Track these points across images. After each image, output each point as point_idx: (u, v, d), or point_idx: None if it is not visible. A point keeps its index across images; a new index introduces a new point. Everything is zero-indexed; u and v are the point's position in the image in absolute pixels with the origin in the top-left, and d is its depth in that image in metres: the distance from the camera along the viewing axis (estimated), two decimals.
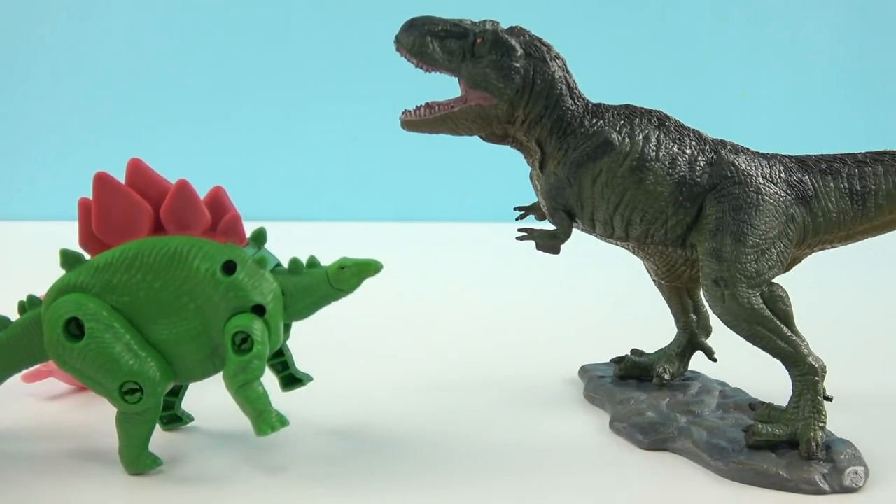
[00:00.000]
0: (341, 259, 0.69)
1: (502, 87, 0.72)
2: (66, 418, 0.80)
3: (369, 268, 0.68)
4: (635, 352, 0.87)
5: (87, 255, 0.70)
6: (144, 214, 0.70)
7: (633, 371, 0.85)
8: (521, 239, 0.77)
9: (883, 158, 0.73)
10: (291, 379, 0.75)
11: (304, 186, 2.07)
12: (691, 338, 0.83)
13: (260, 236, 0.71)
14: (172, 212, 0.69)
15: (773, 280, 0.72)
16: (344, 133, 2.07)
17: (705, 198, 0.72)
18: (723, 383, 0.83)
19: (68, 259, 0.68)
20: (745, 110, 2.08)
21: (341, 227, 1.92)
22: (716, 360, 0.85)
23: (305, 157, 2.07)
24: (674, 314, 0.84)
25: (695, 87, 2.06)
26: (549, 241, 0.76)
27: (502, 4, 1.20)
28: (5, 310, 0.74)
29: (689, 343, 0.84)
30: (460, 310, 1.24)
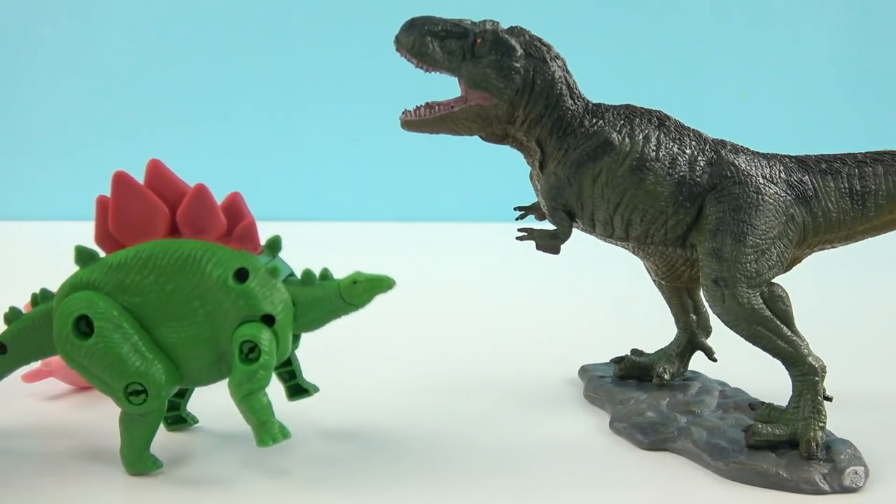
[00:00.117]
0: (354, 273, 0.68)
1: (502, 87, 0.72)
2: (66, 418, 0.80)
3: (382, 284, 0.68)
4: (635, 352, 0.87)
5: (101, 253, 0.70)
6: (161, 216, 0.69)
7: (633, 371, 0.85)
8: (521, 239, 0.77)
9: (883, 158, 0.73)
10: (298, 389, 0.75)
11: (304, 186, 2.07)
12: (691, 338, 0.83)
13: (275, 244, 0.70)
14: (188, 215, 0.69)
15: (773, 280, 0.72)
16: (344, 133, 2.07)
17: (705, 198, 0.72)
18: (723, 383, 0.83)
19: (83, 256, 0.68)
20: (745, 110, 2.08)
21: (341, 227, 1.92)
22: (716, 360, 0.85)
23: (305, 157, 2.07)
24: (674, 314, 0.84)
25: (695, 87, 2.06)
26: (549, 241, 0.76)
27: (502, 4, 1.20)
28: (4, 309, 0.74)
29: (689, 343, 0.84)
30: (460, 310, 1.24)
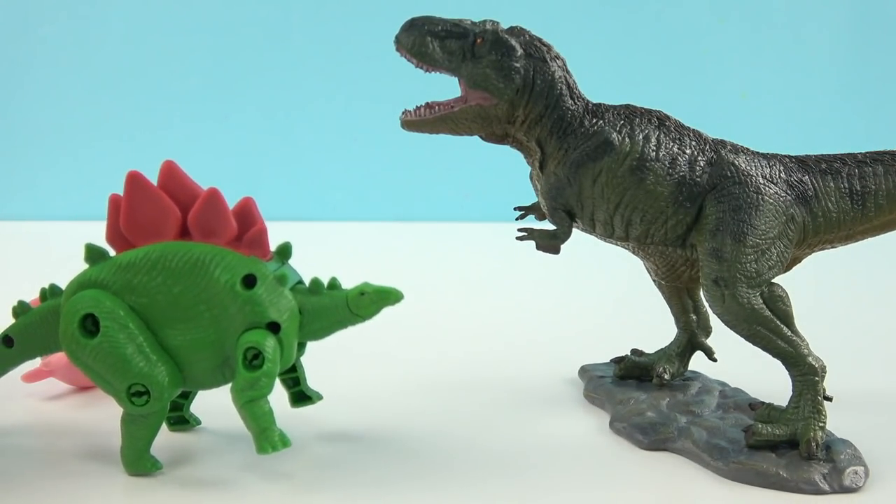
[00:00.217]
0: (363, 284, 0.68)
1: (502, 87, 0.72)
2: (66, 418, 0.79)
3: (390, 296, 0.68)
4: (635, 352, 0.87)
5: (111, 252, 0.70)
6: (172, 218, 0.69)
7: (633, 371, 0.85)
8: (521, 239, 0.77)
9: (883, 158, 0.73)
10: (301, 395, 0.75)
11: (304, 186, 2.07)
12: (691, 338, 0.83)
13: (285, 251, 0.70)
14: (199, 219, 0.69)
15: (773, 280, 0.72)
16: (344, 133, 2.07)
17: (705, 198, 0.72)
18: (723, 383, 0.83)
19: (93, 254, 0.68)
20: (745, 110, 2.08)
21: (341, 227, 1.91)
22: (716, 360, 0.84)
23: (305, 157, 2.07)
24: (674, 314, 0.84)
25: (695, 87, 2.06)
26: (549, 241, 0.75)
27: (502, 4, 1.20)
28: (4, 310, 0.74)
29: (689, 343, 0.83)
30: (460, 310, 1.24)
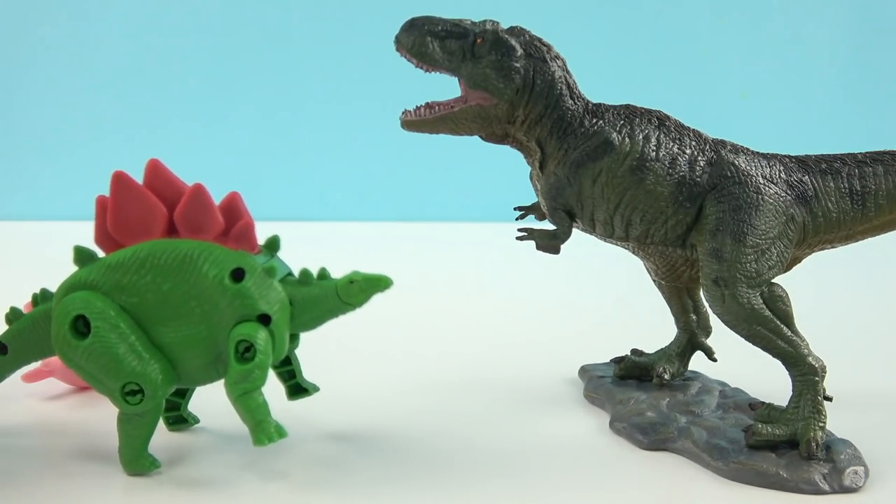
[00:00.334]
0: (352, 273, 0.68)
1: (502, 87, 0.72)
2: (66, 418, 0.79)
3: (379, 283, 0.67)
4: (635, 352, 0.87)
5: (101, 253, 0.70)
6: (159, 216, 0.69)
7: (633, 371, 0.85)
8: (521, 239, 0.77)
9: (883, 158, 0.73)
10: (298, 388, 0.75)
11: (304, 186, 2.07)
12: (691, 338, 0.83)
13: (273, 244, 0.70)
14: (186, 215, 0.69)
15: (773, 280, 0.72)
16: (344, 133, 2.07)
17: (705, 198, 0.72)
18: (723, 383, 0.83)
19: (81, 256, 0.68)
20: (745, 110, 2.08)
21: (341, 227, 1.91)
22: (716, 360, 0.84)
23: (305, 157, 2.07)
24: (674, 314, 0.84)
25: (695, 87, 2.05)
26: (549, 241, 0.75)
27: (502, 4, 1.20)
28: (4, 309, 0.74)
29: (689, 343, 0.83)
30: (460, 310, 1.24)
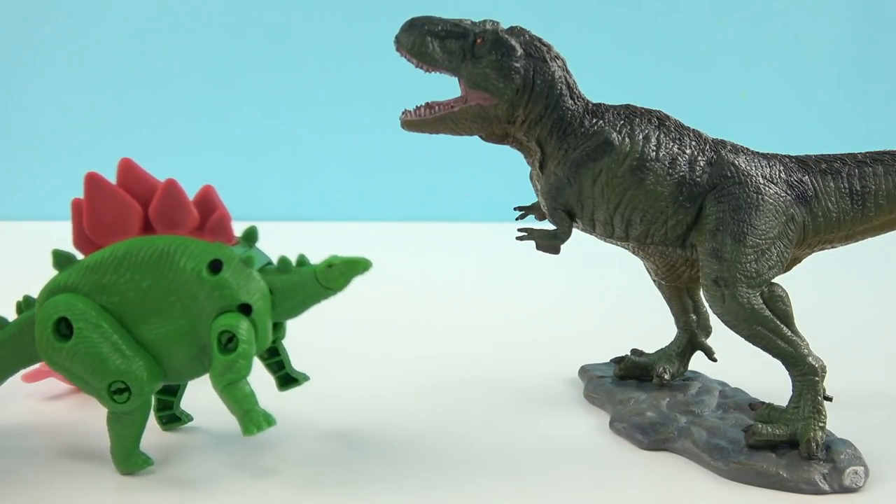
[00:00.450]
0: (330, 257, 0.68)
1: (502, 87, 0.72)
2: (65, 418, 0.79)
3: (357, 266, 0.67)
4: (635, 352, 0.87)
5: (79, 256, 0.70)
6: (134, 214, 0.70)
7: (633, 371, 0.85)
8: (520, 239, 0.77)
9: (883, 158, 0.73)
10: (288, 378, 0.75)
11: (304, 186, 2.07)
12: (691, 338, 0.83)
13: (251, 235, 0.71)
14: (161, 211, 0.69)
15: (773, 280, 0.72)
16: (344, 133, 2.07)
17: (705, 198, 0.72)
18: (723, 383, 0.83)
19: (60, 259, 0.68)
20: (745, 110, 2.08)
21: (341, 227, 1.91)
22: (716, 360, 0.84)
23: (305, 157, 2.07)
24: (674, 314, 0.84)
25: (695, 87, 2.05)
26: (549, 241, 0.75)
27: (502, 4, 1.20)
28: (4, 310, 0.74)
29: (689, 343, 0.83)
30: (460, 310, 1.24)
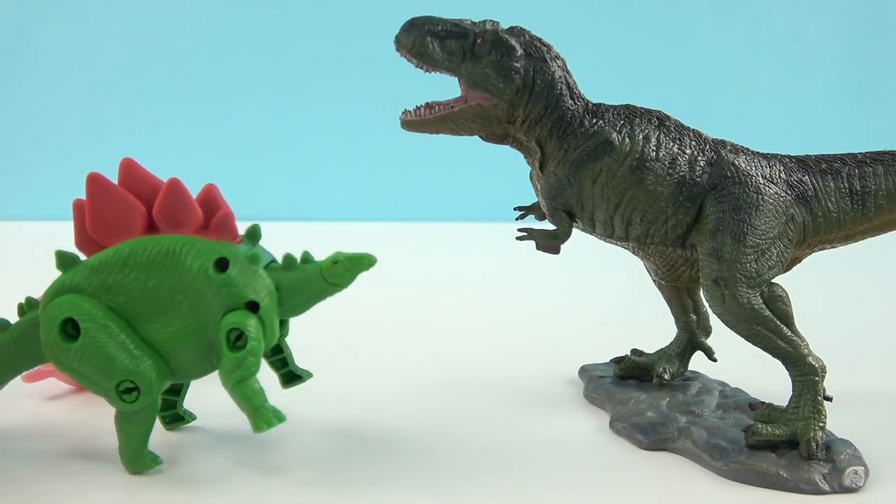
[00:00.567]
0: (335, 253, 0.68)
1: (502, 87, 0.72)
2: (66, 418, 0.79)
3: (363, 261, 0.68)
4: (635, 352, 0.87)
5: (82, 256, 0.70)
6: (137, 214, 0.70)
7: (633, 371, 0.85)
8: (521, 239, 0.77)
9: (883, 158, 0.73)
10: (291, 376, 0.75)
11: (304, 186, 2.07)
12: (691, 338, 0.83)
13: (254, 233, 0.71)
14: (165, 210, 0.69)
15: (773, 280, 0.72)
16: (344, 133, 2.07)
17: (705, 198, 0.72)
18: (723, 383, 0.83)
19: (64, 260, 0.68)
20: (745, 110, 2.08)
21: (341, 227, 1.91)
22: (716, 360, 0.84)
23: (305, 157, 2.07)
24: (674, 314, 0.84)
25: (695, 87, 2.06)
26: (549, 241, 0.75)
27: (502, 4, 1.20)
28: (4, 310, 0.74)
29: (689, 343, 0.83)
30: (460, 310, 1.24)
